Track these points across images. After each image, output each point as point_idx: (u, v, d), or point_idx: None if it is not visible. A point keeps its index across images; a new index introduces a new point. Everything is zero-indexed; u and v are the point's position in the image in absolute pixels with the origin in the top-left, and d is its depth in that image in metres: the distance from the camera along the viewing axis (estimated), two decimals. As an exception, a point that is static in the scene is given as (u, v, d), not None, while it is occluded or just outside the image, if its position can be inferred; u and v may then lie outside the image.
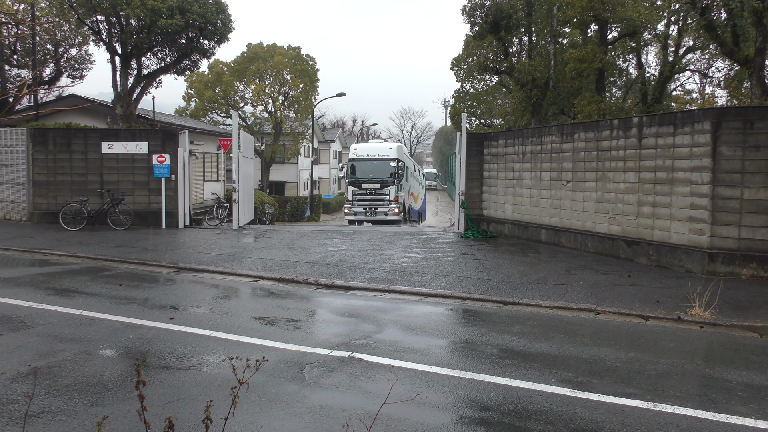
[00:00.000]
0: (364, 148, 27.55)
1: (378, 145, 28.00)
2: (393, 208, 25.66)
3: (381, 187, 25.91)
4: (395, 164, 26.20)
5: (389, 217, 25.79)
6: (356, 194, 26.08)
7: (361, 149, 27.29)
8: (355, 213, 26.14)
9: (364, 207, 25.82)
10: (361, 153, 26.94)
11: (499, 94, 33.27)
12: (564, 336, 6.90)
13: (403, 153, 28.04)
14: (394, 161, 26.29)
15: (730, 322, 7.49)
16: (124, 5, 21.03)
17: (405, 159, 28.57)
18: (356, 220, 26.16)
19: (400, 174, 26.37)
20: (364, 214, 25.91)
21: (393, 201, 25.66)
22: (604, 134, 12.56)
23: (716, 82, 24.98)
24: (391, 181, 25.89)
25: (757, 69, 13.38)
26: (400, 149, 27.54)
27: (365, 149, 27.26)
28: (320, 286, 9.72)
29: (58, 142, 17.46)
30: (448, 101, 71.63)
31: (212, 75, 40.24)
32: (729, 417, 4.64)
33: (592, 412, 4.69)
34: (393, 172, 26.06)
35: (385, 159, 26.39)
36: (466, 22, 21.93)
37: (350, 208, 26.15)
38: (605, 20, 19.33)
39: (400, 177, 26.45)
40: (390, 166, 26.21)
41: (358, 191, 26.04)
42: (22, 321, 7.19)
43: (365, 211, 25.91)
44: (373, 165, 26.33)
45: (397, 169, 26.15)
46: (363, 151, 27.09)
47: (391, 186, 25.87)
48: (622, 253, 12.04)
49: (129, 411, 4.57)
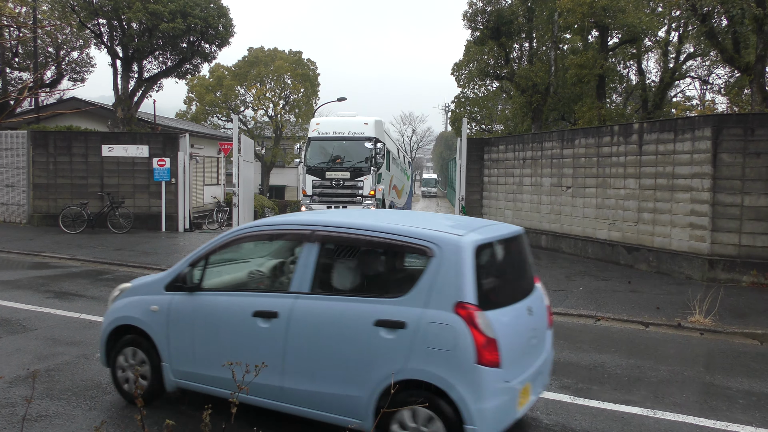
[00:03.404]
0: (329, 123, 20.24)
1: (349, 120, 20.29)
2: (368, 205, 18.91)
3: (352, 176, 18.99)
4: (372, 145, 19.06)
5: None
6: (318, 186, 19.12)
7: (326, 124, 20.05)
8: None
9: (329, 204, 18.82)
10: (325, 129, 19.72)
11: (499, 100, 33.31)
12: (564, 342, 6.89)
13: (383, 131, 20.87)
14: (371, 141, 19.12)
15: (731, 329, 7.47)
16: (126, 9, 21.08)
17: (386, 139, 21.35)
18: None
19: (378, 159, 19.29)
20: None
21: (369, 197, 18.93)
22: (605, 140, 12.57)
23: (717, 88, 25.00)
24: (367, 169, 18.94)
25: (758, 76, 13.39)
26: (379, 125, 20.12)
27: (331, 124, 19.98)
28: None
29: (58, 144, 17.46)
30: (448, 106, 71.81)
31: (213, 79, 40.32)
32: (729, 425, 4.62)
33: (592, 419, 4.67)
34: (369, 157, 18.98)
35: (358, 138, 19.25)
36: (467, 28, 21.97)
37: (309, 206, 19.04)
38: (606, 26, 19.36)
39: (379, 163, 19.43)
40: (365, 148, 19.08)
41: (321, 182, 19.12)
42: (21, 324, 7.17)
43: (329, 209, 18.25)
44: (342, 146, 19.42)
45: (374, 153, 19.05)
46: (328, 126, 19.83)
47: (366, 175, 18.95)
48: (623, 259, 12.02)
49: (127, 416, 4.56)
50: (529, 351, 4.16)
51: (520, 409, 3.95)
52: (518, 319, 4.09)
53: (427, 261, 3.88)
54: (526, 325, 4.15)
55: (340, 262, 4.37)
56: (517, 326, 4.06)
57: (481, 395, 3.59)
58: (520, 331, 4.08)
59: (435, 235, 3.93)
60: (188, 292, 4.62)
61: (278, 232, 4.72)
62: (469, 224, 4.38)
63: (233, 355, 4.07)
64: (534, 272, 4.75)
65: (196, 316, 4.53)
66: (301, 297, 4.15)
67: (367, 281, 4.32)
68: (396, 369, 3.73)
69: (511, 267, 4.62)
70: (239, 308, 4.34)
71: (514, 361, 3.85)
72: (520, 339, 4.06)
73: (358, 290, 4.22)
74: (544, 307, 4.58)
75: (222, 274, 4.89)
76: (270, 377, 3.99)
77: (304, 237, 4.33)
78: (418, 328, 3.74)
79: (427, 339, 3.71)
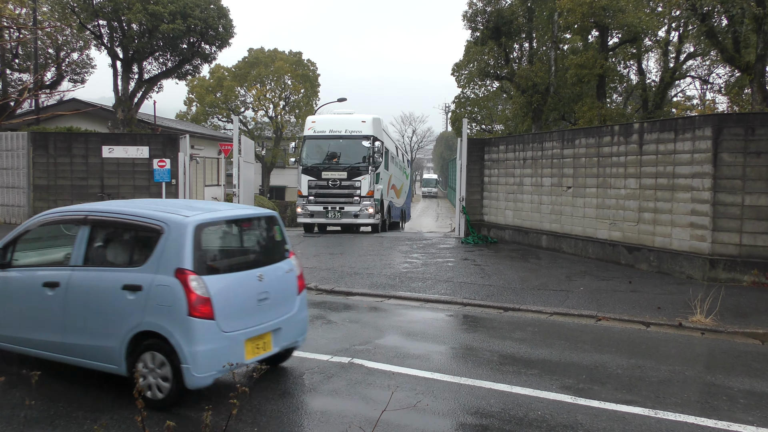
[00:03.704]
0: (325, 121, 19.93)
1: (346, 117, 19.99)
2: (366, 207, 18.50)
3: (349, 176, 18.61)
4: (370, 144, 18.88)
5: (360, 220, 18.76)
6: (314, 187, 18.74)
7: (322, 123, 19.70)
8: (311, 214, 18.83)
9: (325, 205, 18.61)
10: (321, 128, 19.40)
11: (499, 100, 33.29)
12: (565, 342, 6.88)
13: (381, 129, 20.40)
14: (369, 140, 18.93)
15: (732, 328, 7.46)
16: (126, 10, 21.09)
17: (384, 137, 20.94)
18: (313, 224, 19.35)
19: (377, 158, 19.02)
20: (325, 216, 18.75)
21: (366, 197, 18.54)
22: (605, 140, 12.56)
23: (717, 88, 24.97)
24: (365, 169, 18.64)
25: (758, 75, 13.39)
26: (377, 123, 19.77)
27: (327, 123, 19.67)
28: (320, 291, 9.70)
29: (58, 146, 17.46)
30: (448, 107, 71.76)
31: (213, 80, 40.32)
32: (731, 424, 4.62)
33: (593, 420, 4.66)
34: (367, 156, 18.77)
35: (355, 136, 19.05)
36: (467, 28, 21.97)
37: (305, 207, 18.80)
38: (606, 26, 19.35)
39: (377, 162, 19.09)
40: (363, 147, 18.88)
41: (317, 182, 18.73)
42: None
43: (326, 211, 18.67)
44: (339, 145, 19.10)
45: (372, 152, 18.83)
46: (324, 125, 19.56)
47: (364, 175, 18.61)
48: (623, 259, 12.02)
49: (128, 417, 4.55)
50: (259, 310, 5.09)
51: (252, 357, 4.95)
52: (241, 284, 5.05)
53: (158, 237, 4.84)
54: (254, 289, 5.09)
55: (103, 240, 5.36)
56: (239, 289, 5.02)
57: (192, 341, 4.54)
58: (243, 293, 5.02)
59: (166, 216, 4.93)
60: (1, 269, 5.58)
61: (63, 218, 5.64)
62: (205, 207, 5.41)
63: (30, 318, 5.30)
64: (287, 248, 5.75)
65: (4, 288, 5.53)
66: (76, 269, 5.12)
67: (121, 254, 5.35)
68: (137, 323, 4.71)
69: (242, 242, 5.67)
70: (33, 280, 5.32)
71: (233, 316, 4.83)
72: (243, 299, 5.01)
73: (114, 262, 5.25)
74: (292, 276, 5.59)
75: (28, 253, 5.80)
76: (55, 335, 5.10)
77: (80, 221, 5.30)
78: (150, 290, 4.70)
79: (156, 298, 4.67)
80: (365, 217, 18.59)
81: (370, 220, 18.71)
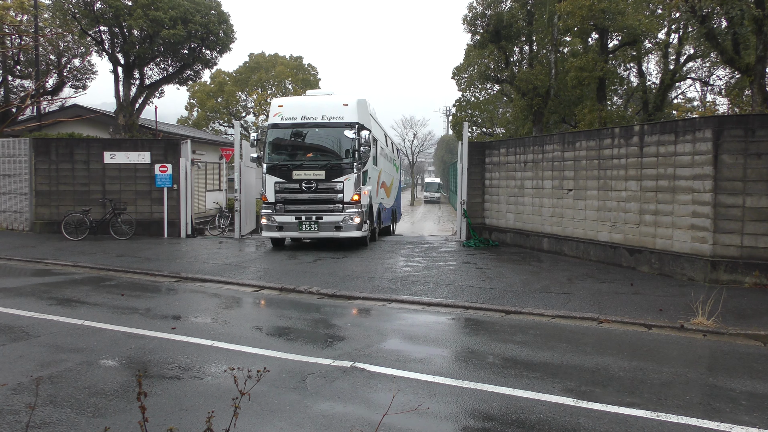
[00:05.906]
0: (296, 105, 15.18)
1: (323, 100, 15.28)
2: (352, 216, 14.42)
3: (328, 177, 14.41)
4: (355, 134, 14.52)
5: (344, 234, 14.47)
6: (282, 191, 14.59)
7: (292, 107, 15.08)
8: (279, 226, 14.52)
9: (298, 215, 14.45)
10: (290, 113, 14.93)
11: (500, 103, 33.34)
12: (567, 345, 6.88)
13: (368, 114, 15.77)
14: (353, 128, 14.56)
15: (734, 330, 7.46)
16: (127, 16, 21.17)
17: (372, 125, 16.14)
18: (282, 238, 15.40)
19: (364, 152, 14.65)
20: (298, 228, 14.44)
21: (351, 203, 14.42)
22: (606, 142, 12.58)
23: (717, 90, 25.01)
24: (348, 166, 14.45)
25: (758, 77, 13.40)
26: (363, 107, 15.24)
27: (298, 107, 15.03)
28: (322, 295, 9.71)
29: (60, 152, 17.52)
30: (449, 110, 71.82)
31: (214, 85, 40.43)
32: (733, 427, 4.61)
33: (595, 422, 4.66)
34: (351, 149, 14.51)
35: (335, 124, 14.62)
36: (467, 32, 22.05)
37: (271, 218, 14.55)
38: (606, 29, 19.40)
39: (365, 158, 14.82)
40: (345, 138, 14.53)
41: (286, 185, 14.56)
42: (23, 331, 7.19)
43: (299, 222, 14.43)
44: (315, 136, 14.83)
45: (358, 144, 14.54)
46: (294, 109, 14.99)
47: (347, 174, 14.42)
48: (625, 261, 12.01)
49: (131, 422, 4.56)
50: None
51: None
52: None
53: None
54: None
55: None
56: None
57: None
58: None
59: None
60: None
61: None
62: None
63: None
64: None
65: None
66: None
67: None
68: None
69: None
70: None
71: None
72: None
73: None
74: None
75: None
76: None
77: None
78: None
79: None
80: (350, 230, 14.45)
81: (356, 233, 14.57)
